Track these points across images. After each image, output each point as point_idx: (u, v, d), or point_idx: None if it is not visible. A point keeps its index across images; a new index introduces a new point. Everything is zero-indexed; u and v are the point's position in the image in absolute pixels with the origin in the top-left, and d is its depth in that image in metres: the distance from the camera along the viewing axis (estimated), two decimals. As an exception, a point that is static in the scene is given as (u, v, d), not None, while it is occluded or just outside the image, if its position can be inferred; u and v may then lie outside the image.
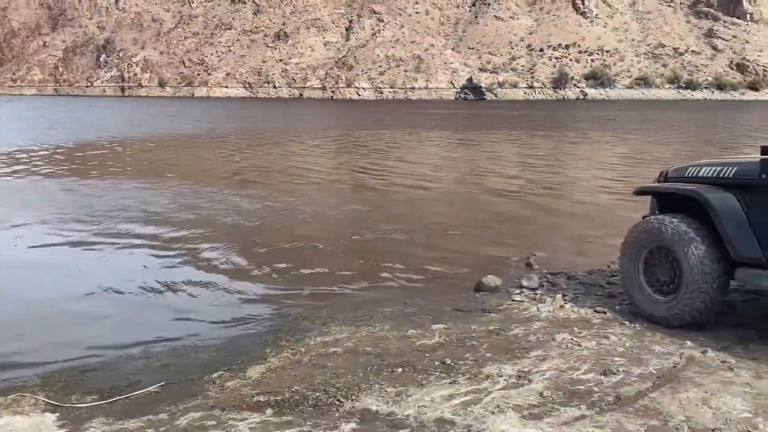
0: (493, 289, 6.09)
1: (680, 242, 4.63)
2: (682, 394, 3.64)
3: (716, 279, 4.53)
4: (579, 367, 4.07)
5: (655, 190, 5.26)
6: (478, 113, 54.61)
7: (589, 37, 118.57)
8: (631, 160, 18.60)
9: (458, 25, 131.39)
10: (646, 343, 4.46)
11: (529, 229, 9.30)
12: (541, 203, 11.59)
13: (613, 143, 24.84)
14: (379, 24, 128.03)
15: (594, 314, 5.14)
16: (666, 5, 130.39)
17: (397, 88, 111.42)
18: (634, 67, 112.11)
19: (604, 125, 36.49)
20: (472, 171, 16.65)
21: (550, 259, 7.37)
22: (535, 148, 22.98)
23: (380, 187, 13.37)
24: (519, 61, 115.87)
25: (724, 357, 4.17)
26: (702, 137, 27.93)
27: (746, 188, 4.48)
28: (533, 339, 4.62)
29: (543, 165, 17.73)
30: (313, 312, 5.52)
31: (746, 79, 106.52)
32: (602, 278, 6.32)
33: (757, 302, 5.39)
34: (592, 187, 13.65)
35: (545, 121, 41.13)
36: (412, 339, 4.73)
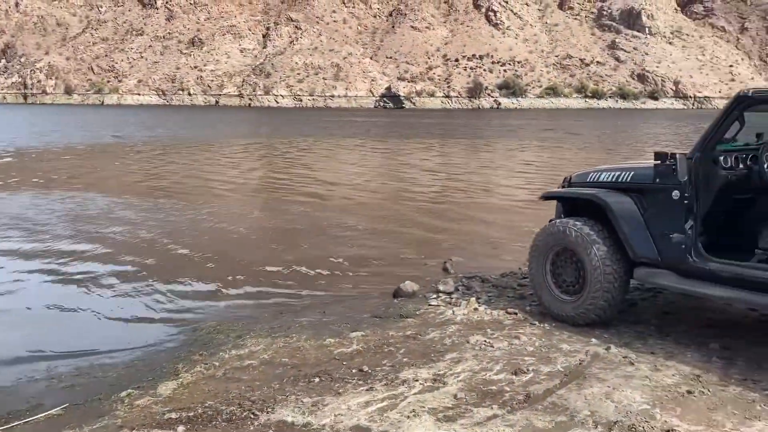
0: (411, 295, 6.16)
1: (583, 244, 4.85)
2: (587, 389, 3.81)
3: (617, 278, 4.76)
4: (491, 368, 4.18)
5: (559, 195, 5.49)
6: (397, 121, 55.30)
7: (501, 48, 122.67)
8: (541, 167, 19.34)
9: (376, 34, 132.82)
10: (554, 342, 4.64)
11: (446, 234, 9.47)
12: (458, 209, 11.85)
13: (524, 150, 25.76)
14: (296, 32, 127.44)
15: (506, 315, 5.30)
16: (572, 18, 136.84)
17: (317, 95, 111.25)
18: (544, 77, 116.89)
19: (516, 133, 37.78)
20: (391, 178, 16.83)
21: (466, 263, 7.54)
22: (451, 156, 23.51)
23: (298, 196, 13.27)
24: (436, 71, 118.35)
25: (626, 352, 4.39)
26: (604, 144, 29.43)
27: (642, 192, 4.74)
28: (449, 342, 4.71)
29: (459, 172, 18.14)
30: (228, 325, 5.40)
31: (646, 89, 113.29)
32: (514, 280, 6.52)
33: (655, 299, 5.71)
34: (506, 192, 14.10)
35: (461, 130, 42.15)
36: (330, 348, 4.71)
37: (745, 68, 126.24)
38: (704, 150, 4.36)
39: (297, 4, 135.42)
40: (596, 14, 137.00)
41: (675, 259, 4.47)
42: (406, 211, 11.53)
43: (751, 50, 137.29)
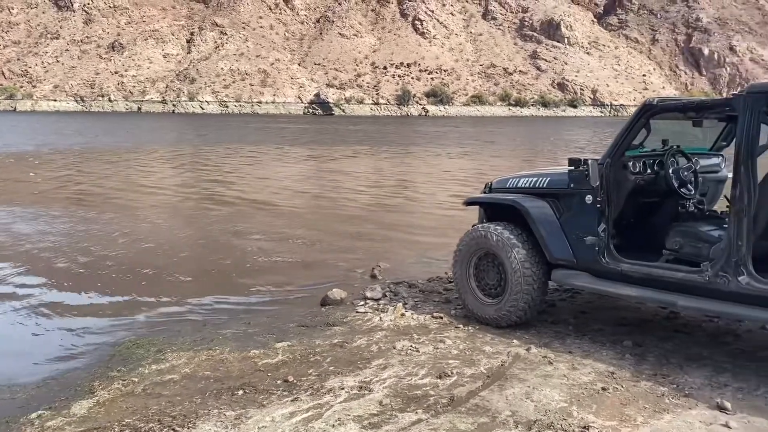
0: (339, 302, 6.14)
1: (504, 248, 4.98)
2: (508, 390, 3.91)
3: (536, 281, 4.92)
4: (417, 373, 4.22)
5: (481, 200, 5.62)
6: (326, 128, 55.16)
7: (428, 56, 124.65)
8: (466, 173, 19.74)
9: (303, 40, 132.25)
10: (478, 345, 4.73)
11: (374, 241, 9.51)
12: (386, 216, 11.93)
13: (449, 157, 26.22)
14: (222, 37, 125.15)
15: (432, 320, 5.37)
16: (496, 28, 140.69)
17: (243, 102, 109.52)
18: (470, 86, 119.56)
19: (443, 140, 38.42)
20: (319, 186, 16.77)
21: (394, 269, 7.59)
22: (380, 163, 23.65)
23: (222, 204, 13.01)
24: (364, 78, 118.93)
25: (545, 352, 4.53)
26: (525, 150, 30.36)
27: (558, 197, 4.92)
28: (375, 349, 4.72)
29: (388, 179, 18.27)
30: (148, 339, 5.22)
31: (566, 97, 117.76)
32: (440, 285, 6.62)
33: (573, 300, 5.93)
34: (433, 198, 14.30)
35: (390, 137, 42.48)
36: (254, 359, 4.63)
37: (657, 78, 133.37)
38: (614, 156, 4.57)
39: (222, 10, 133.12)
40: (518, 25, 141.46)
41: (589, 260, 4.66)
42: (334, 218, 11.51)
43: (662, 61, 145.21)
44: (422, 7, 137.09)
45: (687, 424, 3.43)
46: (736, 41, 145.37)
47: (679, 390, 3.87)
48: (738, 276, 3.86)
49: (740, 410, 3.57)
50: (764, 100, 3.83)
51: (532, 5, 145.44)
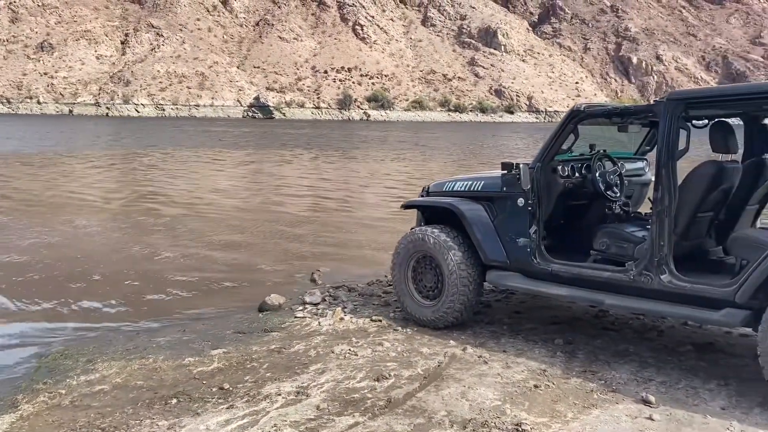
0: (277, 308, 6.09)
1: (441, 250, 5.05)
2: (444, 390, 3.96)
3: (472, 282, 5.01)
4: (355, 376, 4.23)
5: (418, 204, 5.69)
6: (266, 132, 54.52)
7: (369, 61, 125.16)
8: (406, 176, 19.91)
9: (242, 43, 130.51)
10: (415, 346, 4.78)
11: (314, 245, 9.47)
12: (327, 220, 11.89)
13: (390, 161, 26.39)
14: (158, 39, 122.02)
15: (371, 323, 5.39)
16: (435, 35, 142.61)
17: (181, 105, 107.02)
18: (410, 91, 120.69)
19: (384, 145, 38.65)
20: (259, 190, 16.57)
21: (334, 273, 7.58)
22: (321, 167, 23.57)
23: (159, 209, 12.68)
24: (305, 82, 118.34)
25: (480, 352, 4.62)
26: (462, 155, 30.88)
27: (492, 200, 5.03)
28: (313, 353, 4.71)
29: (328, 183, 18.24)
30: (77, 349, 5.03)
31: (503, 103, 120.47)
32: (380, 288, 6.65)
33: (508, 300, 6.07)
34: (373, 202, 14.36)
35: (331, 141, 42.39)
36: (189, 367, 4.54)
37: (589, 85, 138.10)
38: (544, 160, 4.71)
39: (158, 11, 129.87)
40: (456, 32, 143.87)
41: (521, 261, 4.78)
42: (273, 223, 11.38)
43: (594, 68, 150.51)
44: (362, 12, 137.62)
45: (614, 419, 3.57)
46: (662, 50, 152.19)
47: (606, 385, 4.01)
48: (660, 274, 4.04)
49: (663, 403, 3.74)
50: (683, 106, 4.03)
51: (469, 13, 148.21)
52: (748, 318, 3.71)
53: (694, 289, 3.92)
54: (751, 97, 4.04)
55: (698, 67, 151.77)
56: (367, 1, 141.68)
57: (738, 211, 4.51)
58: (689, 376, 4.14)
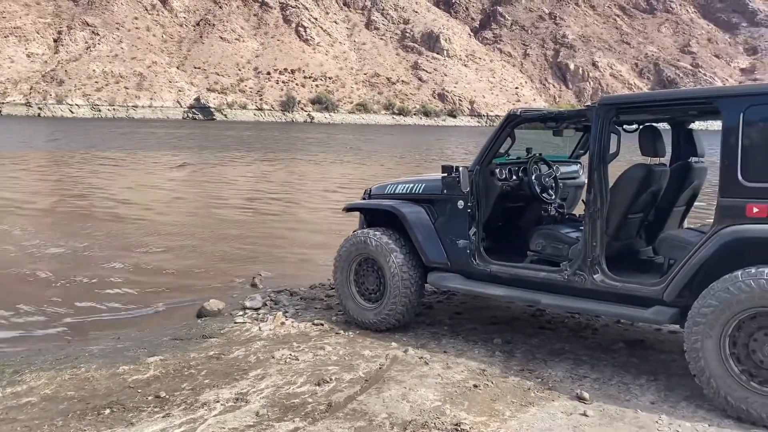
0: (216, 314, 5.97)
1: (383, 253, 5.07)
2: (385, 392, 3.97)
3: (414, 284, 5.05)
4: (296, 381, 4.19)
5: (360, 206, 5.69)
6: (207, 133, 53.51)
7: (312, 63, 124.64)
8: (349, 179, 19.91)
9: (183, 43, 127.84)
10: (357, 349, 4.78)
11: (256, 249, 9.34)
12: (267, 222, 11.76)
13: (335, 164, 26.34)
14: (93, 37, 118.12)
15: (312, 327, 5.35)
16: (378, 38, 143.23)
17: (118, 106, 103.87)
18: (355, 94, 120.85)
19: (327, 147, 38.53)
20: (199, 194, 16.24)
21: (276, 277, 7.50)
22: (263, 170, 23.29)
23: (92, 214, 12.26)
24: (247, 83, 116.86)
25: (422, 353, 4.66)
26: (405, 158, 31.12)
27: (432, 202, 5.09)
28: (253, 359, 4.64)
29: (271, 186, 18.03)
30: (3, 360, 4.79)
31: (446, 107, 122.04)
32: (322, 292, 6.62)
33: (450, 301, 6.14)
34: (316, 205, 14.29)
35: (274, 143, 41.97)
36: (123, 376, 4.39)
37: (529, 90, 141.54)
38: (482, 163, 4.79)
39: (94, 8, 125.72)
40: (400, 36, 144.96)
41: (461, 263, 4.85)
42: (212, 227, 11.17)
43: (533, 74, 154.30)
44: (306, 14, 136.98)
45: (550, 416, 3.65)
46: (597, 57, 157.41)
47: (543, 383, 4.11)
48: (593, 274, 4.16)
49: (597, 399, 3.85)
50: (613, 111, 4.17)
51: (412, 17, 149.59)
52: (675, 315, 3.87)
53: (625, 288, 4.06)
54: (678, 103, 4.22)
55: (632, 74, 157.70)
56: (310, 3, 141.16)
57: (666, 213, 4.71)
58: (621, 373, 4.29)
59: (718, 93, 3.85)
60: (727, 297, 3.47)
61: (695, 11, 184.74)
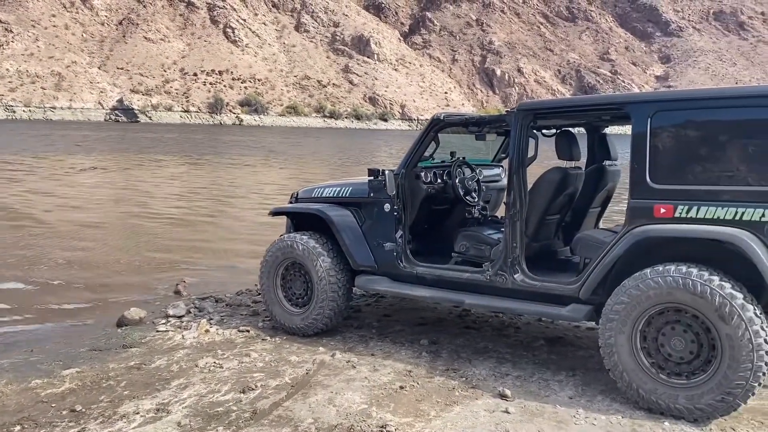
0: (137, 322, 5.77)
1: (310, 257, 5.05)
2: (312, 397, 3.95)
3: (341, 287, 5.05)
4: (220, 389, 4.11)
5: (287, 210, 5.65)
6: (131, 136, 51.68)
7: (241, 65, 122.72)
8: (277, 182, 19.71)
9: (104, 43, 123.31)
10: (284, 355, 4.73)
11: (179, 255, 9.09)
12: (192, 227, 11.47)
13: (263, 167, 26.02)
14: (7, 35, 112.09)
15: (238, 334, 5.26)
16: (309, 41, 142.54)
17: (34, 107, 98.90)
18: (285, 96, 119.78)
19: (255, 150, 38.01)
20: (122, 198, 15.66)
21: (200, 284, 7.32)
22: (189, 173, 22.72)
23: (5, 219, 11.62)
24: (173, 85, 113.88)
25: (349, 357, 4.66)
26: (335, 161, 31.12)
27: (360, 205, 5.11)
28: (176, 368, 4.51)
29: (197, 189, 17.61)
30: None
31: (377, 111, 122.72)
32: (249, 298, 6.51)
33: (378, 304, 6.17)
34: (243, 209, 14.05)
35: (200, 146, 41.02)
36: (36, 390, 4.18)
37: (457, 95, 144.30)
38: (408, 166, 4.85)
39: (7, 4, 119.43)
40: (330, 39, 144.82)
41: (388, 265, 4.89)
42: (133, 233, 10.80)
43: (461, 79, 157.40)
44: (234, 15, 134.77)
45: (473, 414, 3.73)
46: (523, 64, 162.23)
47: (467, 382, 4.19)
48: (514, 274, 4.28)
49: (518, 396, 3.96)
50: (531, 116, 4.31)
51: (342, 20, 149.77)
52: (590, 312, 4.03)
53: (543, 287, 4.20)
54: (591, 109, 4.41)
55: (555, 80, 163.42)
56: (238, 4, 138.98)
57: (582, 214, 4.90)
58: (542, 369, 4.43)
59: (627, 99, 4.05)
60: (638, 294, 3.64)
61: (613, 20, 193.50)
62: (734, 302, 3.39)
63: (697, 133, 3.69)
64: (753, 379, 3.39)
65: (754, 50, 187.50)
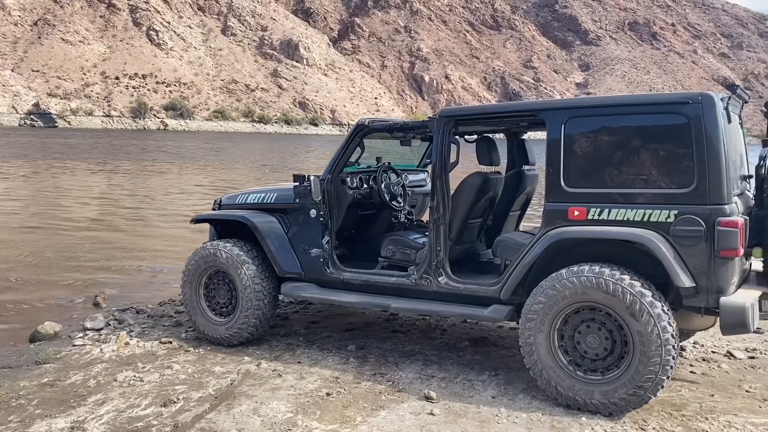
0: (52, 337, 5.51)
1: (234, 265, 4.95)
2: (236, 408, 3.87)
3: (267, 295, 4.97)
4: (140, 404, 3.97)
5: (209, 217, 5.53)
6: (47, 141, 49.27)
7: (165, 68, 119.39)
8: (201, 189, 19.26)
9: (18, 44, 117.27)
10: (207, 366, 4.62)
11: (101, 267, 8.72)
12: (113, 237, 11.06)
13: (188, 173, 25.38)
14: None
15: (160, 346, 5.10)
16: (236, 44, 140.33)
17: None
18: (212, 101, 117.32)
19: (181, 156, 37.05)
20: (37, 207, 14.89)
21: (121, 295, 7.07)
22: (109, 181, 21.88)
23: None
24: (93, 88, 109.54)
25: (275, 366, 4.60)
26: (262, 166, 30.73)
27: (285, 212, 5.05)
28: (93, 383, 4.33)
29: (117, 197, 16.99)
30: None
31: (308, 116, 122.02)
32: (172, 308, 6.33)
33: (306, 311, 6.13)
34: (167, 217, 13.66)
35: (122, 151, 39.59)
36: (-63, 413, 3.92)
37: (387, 100, 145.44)
38: (334, 172, 4.85)
39: None
40: (258, 43, 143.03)
41: (315, 272, 4.86)
42: (50, 243, 10.30)
43: (391, 85, 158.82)
44: (157, 17, 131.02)
45: (399, 417, 3.75)
46: (450, 70, 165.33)
47: (394, 386, 4.21)
48: (438, 277, 4.35)
49: (443, 398, 4.02)
50: (453, 123, 4.39)
51: (270, 24, 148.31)
52: (511, 312, 4.14)
53: (467, 289, 4.28)
54: (509, 115, 4.55)
55: (481, 87, 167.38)
56: (161, 6, 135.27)
57: (503, 217, 5.03)
58: (466, 370, 4.51)
59: (542, 106, 4.19)
60: (554, 294, 3.77)
61: (536, 29, 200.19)
62: (644, 300, 3.56)
63: (607, 138, 3.86)
64: (662, 373, 3.56)
65: (665, 59, 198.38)
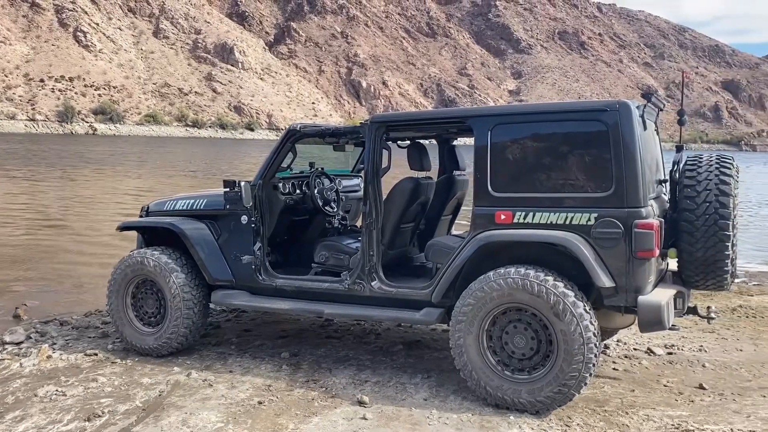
0: (-34, 353, 5.22)
1: (162, 273, 4.83)
2: (164, 420, 3.78)
3: (197, 304, 4.87)
4: (62, 419, 3.82)
5: (136, 224, 5.37)
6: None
7: (94, 71, 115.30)
8: (130, 196, 18.67)
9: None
10: (135, 378, 4.48)
11: (22, 277, 8.34)
12: (36, 246, 10.58)
13: (116, 179, 24.56)
14: None
15: (84, 358, 4.92)
16: (168, 47, 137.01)
17: None
18: (143, 104, 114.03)
19: (109, 161, 35.81)
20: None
21: (45, 307, 6.78)
22: (29, 187, 20.91)
23: None
24: (16, 91, 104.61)
25: (206, 375, 4.51)
26: (193, 172, 30.07)
27: (215, 218, 4.96)
28: (11, 400, 4.13)
29: (39, 205, 16.26)
30: None
31: (243, 120, 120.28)
32: (98, 319, 6.11)
33: (239, 319, 6.03)
34: (93, 225, 13.17)
35: (47, 157, 37.91)
36: None
37: (325, 105, 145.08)
38: (265, 177, 4.80)
39: None
40: (192, 46, 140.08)
41: (247, 279, 4.79)
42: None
43: (328, 90, 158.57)
44: (85, 18, 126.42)
45: (332, 423, 3.74)
46: (387, 77, 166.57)
47: (327, 392, 4.20)
48: (371, 282, 4.37)
49: (376, 402, 4.04)
50: (384, 128, 4.43)
51: (204, 27, 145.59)
52: (442, 315, 4.20)
53: (399, 293, 4.32)
54: (439, 122, 4.63)
55: (418, 93, 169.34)
56: (89, 6, 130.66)
57: (435, 221, 5.10)
58: (399, 374, 4.54)
59: (469, 113, 4.29)
60: (482, 295, 3.85)
61: (470, 37, 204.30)
62: (567, 300, 3.69)
63: (531, 144, 3.99)
64: (585, 370, 3.70)
65: (593, 68, 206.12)
